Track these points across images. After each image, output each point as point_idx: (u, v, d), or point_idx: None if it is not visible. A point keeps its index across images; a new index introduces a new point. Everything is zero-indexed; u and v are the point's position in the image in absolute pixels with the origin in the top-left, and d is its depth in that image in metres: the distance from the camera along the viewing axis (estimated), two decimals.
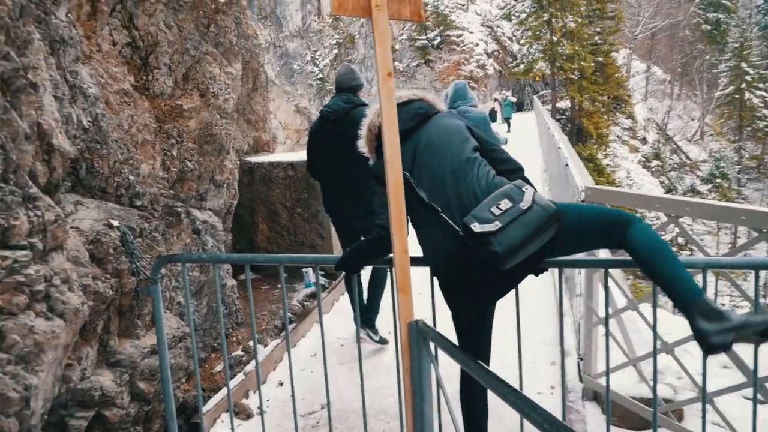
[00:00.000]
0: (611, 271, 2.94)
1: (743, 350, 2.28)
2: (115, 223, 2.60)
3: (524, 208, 1.86)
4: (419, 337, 1.73)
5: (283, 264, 2.45)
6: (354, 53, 41.15)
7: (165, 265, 2.69)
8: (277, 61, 45.15)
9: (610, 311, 3.09)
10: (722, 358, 2.86)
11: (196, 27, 3.89)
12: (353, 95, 3.91)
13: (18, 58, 1.87)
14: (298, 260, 2.49)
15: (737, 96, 40.66)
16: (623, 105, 39.31)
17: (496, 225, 1.81)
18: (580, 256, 2.22)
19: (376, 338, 4.19)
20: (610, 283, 3.06)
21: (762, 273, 2.01)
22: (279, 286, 5.33)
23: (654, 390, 2.10)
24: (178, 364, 2.95)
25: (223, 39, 4.06)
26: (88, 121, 2.83)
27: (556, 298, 4.78)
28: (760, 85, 41.48)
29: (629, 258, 1.92)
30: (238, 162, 5.06)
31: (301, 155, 5.61)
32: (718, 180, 37.27)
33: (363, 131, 2.32)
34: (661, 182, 36.45)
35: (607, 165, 32.07)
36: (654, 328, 2.10)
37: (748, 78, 40.37)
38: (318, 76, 43.00)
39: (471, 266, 1.92)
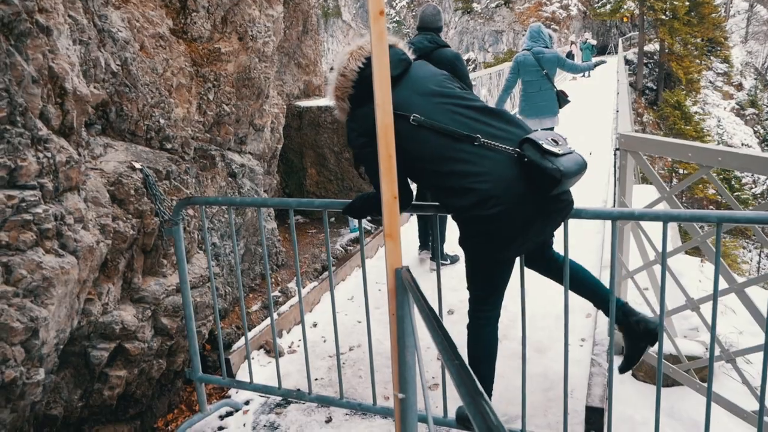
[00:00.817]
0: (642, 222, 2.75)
1: None
2: (138, 165, 2.68)
3: (572, 149, 2.06)
4: (403, 284, 1.69)
5: (293, 208, 2.45)
6: None
7: (184, 207, 2.76)
8: (353, 4, 44.45)
9: (640, 263, 2.90)
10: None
11: None
12: (436, 35, 4.18)
13: (19, 1, 1.90)
14: (307, 204, 2.48)
15: None
16: (719, 48, 35.74)
17: (559, 149, 1.99)
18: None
19: (447, 261, 4.79)
20: (639, 233, 2.85)
21: None
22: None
23: (712, 337, 1.96)
24: (204, 302, 3.08)
25: None
26: (117, 65, 2.89)
27: (599, 251, 4.55)
28: None
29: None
30: (285, 106, 5.07)
31: None
32: None
33: (333, 76, 2.23)
34: (755, 132, 33.34)
35: (696, 113, 29.61)
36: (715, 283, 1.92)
37: None
38: (395, 19, 42.05)
39: (529, 193, 2.01)
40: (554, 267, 2.43)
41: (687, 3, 29.44)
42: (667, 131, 26.83)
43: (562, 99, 5.43)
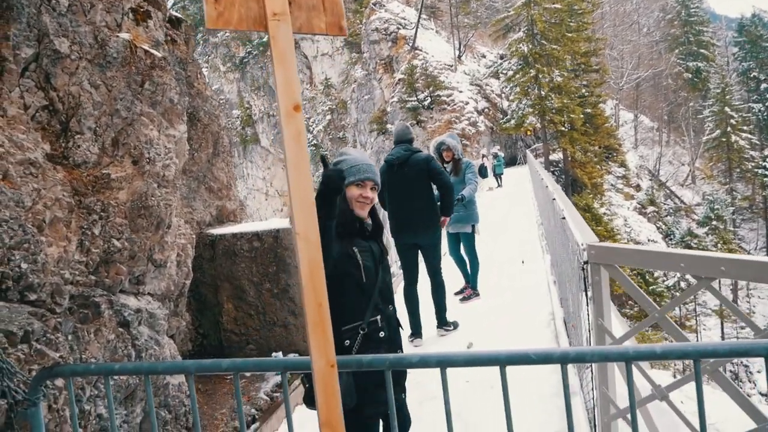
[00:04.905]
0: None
1: None
2: None
3: None
4: None
5: (191, 374, 1.80)
6: (347, 118, 41.64)
7: (44, 381, 2.04)
8: (271, 130, 45.70)
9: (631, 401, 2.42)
10: None
11: (128, 85, 3.39)
12: (410, 145, 5.20)
13: None
14: (211, 367, 1.85)
15: (724, 139, 41.09)
16: (615, 154, 39.39)
17: None
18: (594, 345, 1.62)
19: (452, 328, 5.50)
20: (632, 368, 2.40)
21: None
22: (247, 374, 4.63)
23: None
24: None
25: (162, 97, 3.56)
26: None
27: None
28: (745, 128, 42.12)
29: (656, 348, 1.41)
30: (195, 236, 4.47)
31: (268, 224, 5.03)
32: (714, 222, 36.96)
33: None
34: (659, 228, 36.02)
35: (604, 214, 31.74)
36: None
37: (732, 122, 40.90)
38: (312, 142, 43.35)
39: None
40: None
41: (582, 116, 32.50)
42: None
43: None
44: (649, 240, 31.72)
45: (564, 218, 4.05)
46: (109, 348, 2.93)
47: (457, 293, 6.57)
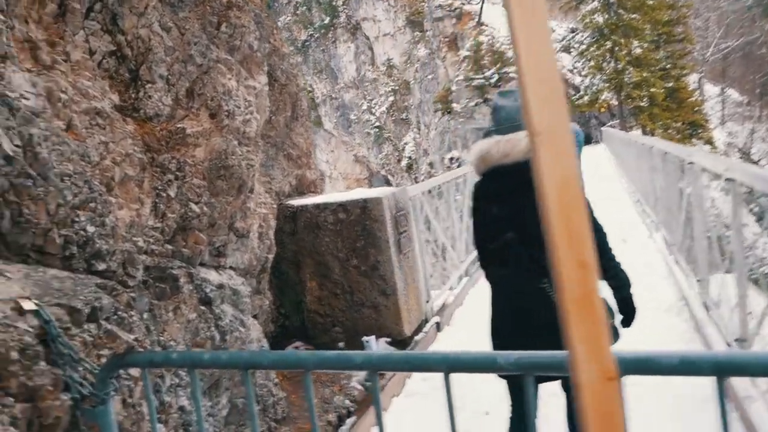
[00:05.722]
0: None
1: None
2: (28, 305, 1.54)
3: None
4: None
5: (309, 371, 1.30)
6: (410, 99, 40.90)
7: (115, 371, 1.58)
8: (334, 113, 45.65)
9: None
10: None
11: (202, 28, 2.93)
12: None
13: None
14: (335, 361, 1.33)
15: None
16: (700, 130, 36.57)
17: None
18: None
19: None
20: None
21: None
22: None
23: None
24: None
25: (240, 42, 3.08)
26: (16, 145, 1.84)
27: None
28: None
29: None
30: (275, 206, 4.03)
31: (353, 194, 4.53)
32: None
33: None
34: (751, 210, 33.25)
35: None
36: None
37: None
38: (375, 125, 42.94)
39: None
40: None
41: (663, 90, 30.29)
42: None
43: None
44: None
45: (692, 162, 3.33)
46: (190, 329, 2.49)
47: None
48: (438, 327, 4.95)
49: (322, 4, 44.90)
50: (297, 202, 4.52)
